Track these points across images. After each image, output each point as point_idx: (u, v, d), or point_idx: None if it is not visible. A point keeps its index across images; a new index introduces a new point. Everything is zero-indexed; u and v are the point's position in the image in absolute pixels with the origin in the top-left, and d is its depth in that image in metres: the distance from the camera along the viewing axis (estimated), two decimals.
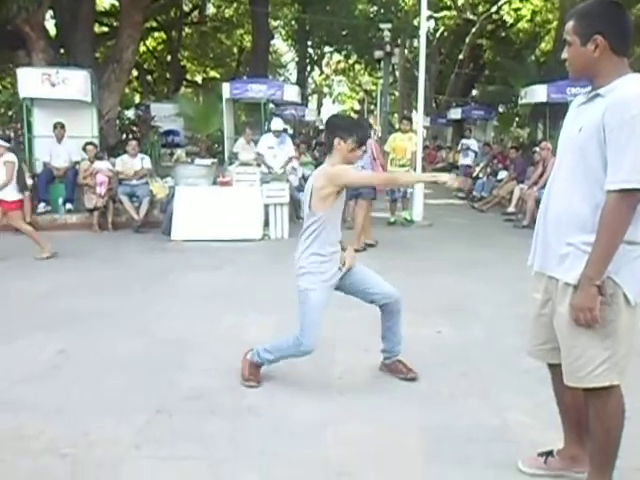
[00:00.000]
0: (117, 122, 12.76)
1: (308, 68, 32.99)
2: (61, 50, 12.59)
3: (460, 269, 6.53)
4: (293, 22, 28.76)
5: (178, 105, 14.39)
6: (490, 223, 10.21)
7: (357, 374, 3.72)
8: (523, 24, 23.02)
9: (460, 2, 23.80)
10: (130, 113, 15.03)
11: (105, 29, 20.54)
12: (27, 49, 11.28)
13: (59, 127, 9.52)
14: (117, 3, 16.42)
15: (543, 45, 23.12)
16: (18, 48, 11.74)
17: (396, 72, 27.21)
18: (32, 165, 9.75)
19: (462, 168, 15.31)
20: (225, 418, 3.10)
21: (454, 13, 24.05)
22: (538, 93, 12.42)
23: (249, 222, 8.28)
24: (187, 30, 26.99)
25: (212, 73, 30.80)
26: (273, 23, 26.96)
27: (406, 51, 25.21)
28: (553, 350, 2.37)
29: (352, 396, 3.39)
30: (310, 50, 30.95)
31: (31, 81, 9.55)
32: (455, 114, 21.29)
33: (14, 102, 10.95)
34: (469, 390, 3.49)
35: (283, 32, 31.58)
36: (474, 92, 26.53)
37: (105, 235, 8.76)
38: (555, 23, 18.64)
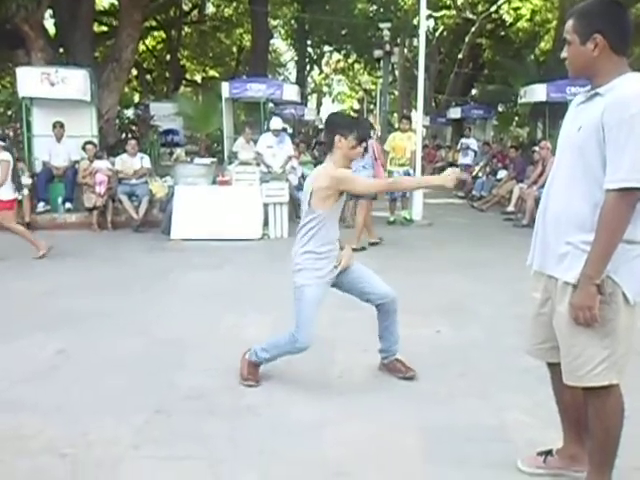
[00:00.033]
0: (116, 121, 12.75)
1: (307, 67, 32.97)
2: (60, 49, 12.56)
3: (459, 268, 6.53)
4: (292, 21, 28.74)
5: (177, 104, 14.40)
6: (489, 222, 10.21)
7: (356, 374, 3.72)
8: (523, 23, 23.03)
9: (460, 1, 23.78)
10: (129, 112, 15.01)
11: (104, 28, 20.51)
12: (26, 48, 11.27)
13: (58, 126, 9.53)
14: (116, 2, 16.40)
15: (543, 44, 23.13)
16: (17, 47, 11.73)
17: (395, 71, 27.21)
18: (31, 164, 9.76)
19: (462, 167, 15.17)
20: (224, 418, 3.10)
21: (453, 12, 24.04)
22: (537, 92, 12.42)
23: (248, 221, 8.28)
24: (186, 29, 26.98)
25: (211, 72, 30.78)
26: (272, 22, 26.96)
27: (405, 50, 25.20)
28: (552, 349, 2.37)
29: (351, 396, 3.39)
30: (309, 49, 30.94)
31: (30, 80, 9.56)
32: (454, 113, 21.26)
33: (13, 101, 10.95)
34: (468, 390, 3.48)
35: (282, 31, 31.57)
36: (474, 91, 26.50)
37: (104, 234, 8.76)
38: (555, 22, 18.64)
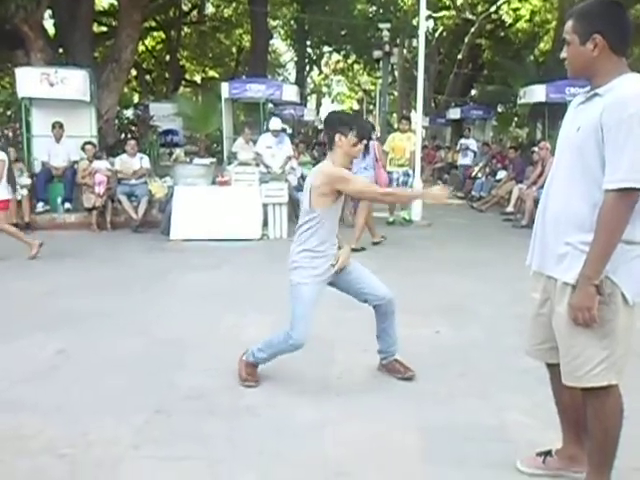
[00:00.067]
0: (116, 122, 12.76)
1: (307, 68, 33.00)
2: (60, 50, 12.56)
3: (459, 269, 6.54)
4: (292, 22, 28.77)
5: (177, 105, 14.37)
6: (489, 223, 10.21)
7: (356, 374, 3.72)
8: (522, 24, 23.06)
9: (459, 2, 23.80)
10: (129, 113, 15.03)
11: (104, 29, 20.51)
12: (26, 49, 11.27)
13: (58, 127, 9.52)
14: (116, 3, 16.40)
15: (542, 45, 23.16)
16: (17, 48, 11.73)
17: (395, 72, 27.24)
18: (31, 165, 9.75)
19: (461, 168, 15.32)
20: (224, 418, 3.10)
21: (453, 13, 24.07)
22: (537, 93, 12.42)
23: (248, 222, 8.28)
24: (186, 30, 26.98)
25: (211, 73, 30.79)
26: (272, 23, 26.97)
27: (405, 51, 25.23)
28: (551, 350, 2.37)
29: (351, 396, 3.39)
30: (309, 50, 30.96)
31: (30, 81, 9.55)
32: (454, 114, 21.26)
33: (13, 102, 10.95)
34: (468, 390, 3.49)
35: (282, 32, 31.59)
36: (473, 92, 26.52)
37: (104, 235, 8.75)
38: (554, 23, 18.68)
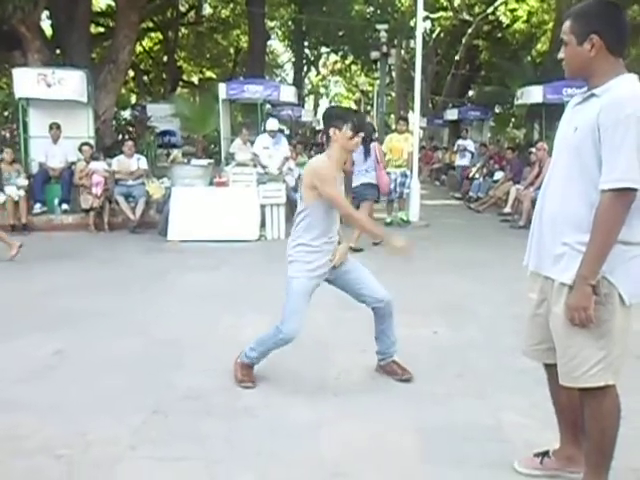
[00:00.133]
0: (113, 122, 12.75)
1: (305, 69, 33.01)
2: (57, 50, 12.57)
3: (456, 269, 6.54)
4: (290, 23, 28.79)
5: (174, 105, 14.34)
6: (486, 224, 10.22)
7: (354, 375, 3.72)
8: (519, 25, 23.08)
9: (456, 3, 23.85)
10: (126, 113, 15.03)
11: (101, 29, 20.51)
12: (23, 49, 11.26)
13: (55, 128, 9.52)
14: (113, 3, 16.40)
15: (539, 46, 23.19)
16: (14, 48, 11.74)
17: (392, 73, 27.28)
18: (28, 166, 9.73)
19: (458, 169, 15.34)
20: (221, 418, 3.09)
21: (450, 14, 24.10)
22: (534, 94, 12.43)
23: (245, 223, 8.28)
24: (183, 30, 26.98)
25: (208, 73, 30.79)
26: (270, 24, 27.00)
27: (402, 52, 25.26)
28: (549, 350, 2.38)
29: (348, 396, 3.39)
30: (307, 51, 30.99)
31: (27, 81, 9.54)
32: (451, 115, 21.28)
33: (10, 102, 10.91)
34: (465, 390, 3.49)
35: (280, 33, 31.63)
36: (470, 93, 26.57)
37: (101, 235, 8.75)
38: (551, 24, 18.71)
